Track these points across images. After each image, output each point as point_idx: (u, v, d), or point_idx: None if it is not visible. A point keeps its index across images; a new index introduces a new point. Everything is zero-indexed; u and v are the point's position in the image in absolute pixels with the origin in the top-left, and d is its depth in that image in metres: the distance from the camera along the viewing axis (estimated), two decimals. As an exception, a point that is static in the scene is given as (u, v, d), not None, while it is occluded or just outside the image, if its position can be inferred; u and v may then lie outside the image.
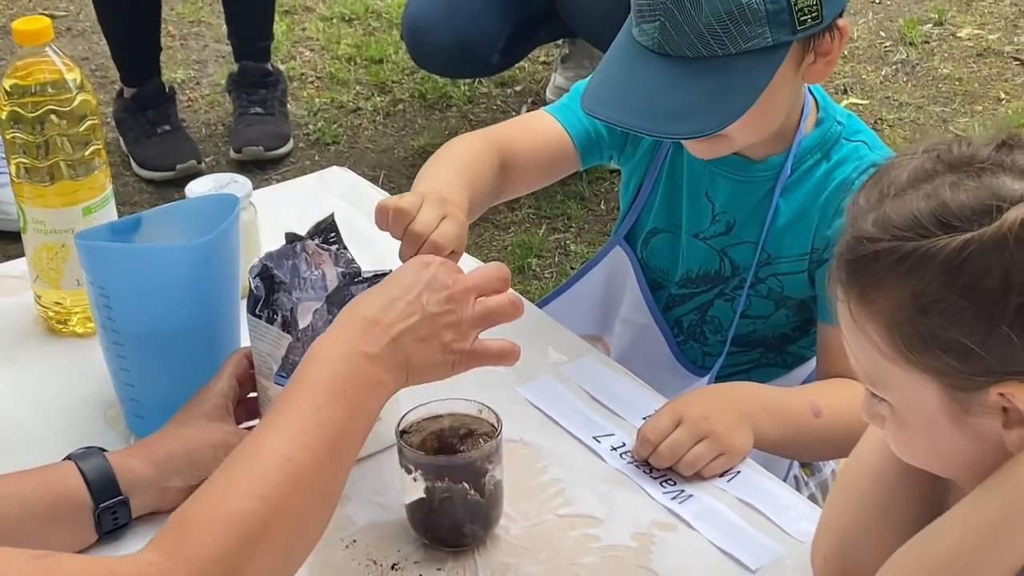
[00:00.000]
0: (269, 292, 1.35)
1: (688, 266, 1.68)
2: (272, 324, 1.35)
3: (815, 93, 1.62)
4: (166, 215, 1.51)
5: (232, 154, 3.48)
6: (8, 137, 1.56)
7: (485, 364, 1.25)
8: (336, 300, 1.35)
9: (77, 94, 1.55)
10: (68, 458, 1.31)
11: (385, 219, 1.38)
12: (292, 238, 1.39)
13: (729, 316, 1.66)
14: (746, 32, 1.42)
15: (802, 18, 1.43)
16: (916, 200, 1.04)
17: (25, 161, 1.56)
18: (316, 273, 1.37)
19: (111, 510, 1.29)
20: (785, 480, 1.61)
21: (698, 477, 1.40)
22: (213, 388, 1.39)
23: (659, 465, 1.41)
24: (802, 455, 1.63)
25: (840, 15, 1.49)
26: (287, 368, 1.36)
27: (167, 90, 3.51)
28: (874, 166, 1.57)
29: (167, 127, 3.45)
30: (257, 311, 1.36)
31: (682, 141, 1.59)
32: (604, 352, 1.67)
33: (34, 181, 1.56)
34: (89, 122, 1.56)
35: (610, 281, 1.74)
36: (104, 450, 1.32)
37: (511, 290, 1.27)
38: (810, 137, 1.59)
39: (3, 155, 3.16)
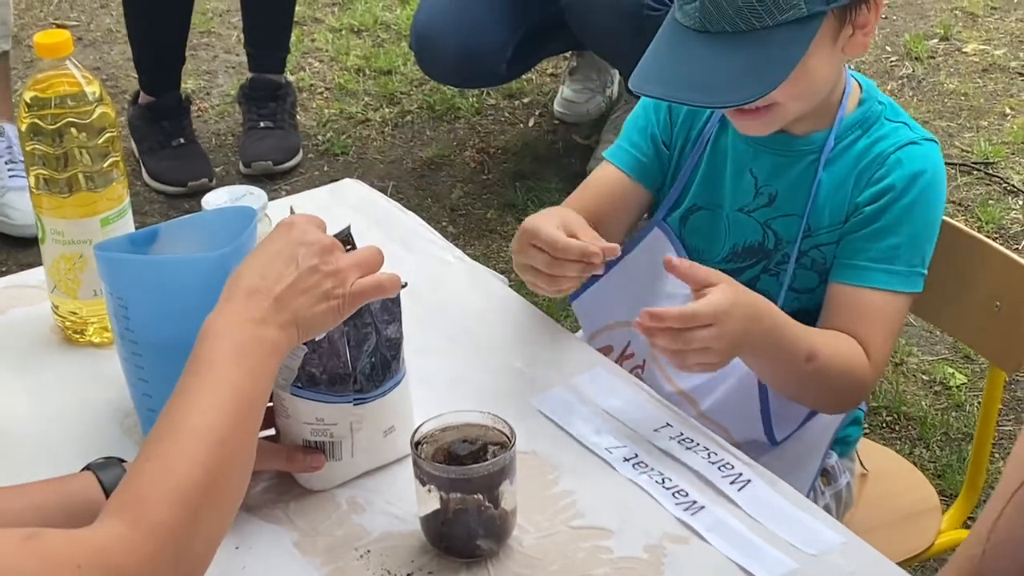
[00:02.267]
0: (286, 304, 1.36)
1: (735, 240, 1.71)
2: (289, 336, 1.36)
3: (859, 79, 1.69)
4: (184, 227, 1.53)
5: (242, 168, 3.49)
6: (28, 149, 1.57)
7: (368, 299, 1.32)
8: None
9: (96, 106, 1.57)
10: (87, 468, 1.32)
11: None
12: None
13: (776, 291, 1.67)
14: (782, 4, 1.51)
15: None
16: None
17: (44, 172, 1.57)
18: (332, 285, 1.38)
19: (130, 520, 1.31)
20: (808, 492, 1.62)
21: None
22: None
23: (666, 345, 1.45)
24: (781, 387, 1.63)
25: None
26: (303, 379, 1.37)
27: (183, 100, 3.53)
28: (911, 144, 1.62)
29: (181, 140, 3.46)
30: (274, 323, 1.36)
31: (736, 123, 1.65)
32: None
33: (53, 192, 1.58)
34: (108, 134, 1.58)
35: (652, 262, 1.73)
36: (123, 460, 1.33)
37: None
38: (852, 115, 1.66)
39: (15, 161, 3.21)
